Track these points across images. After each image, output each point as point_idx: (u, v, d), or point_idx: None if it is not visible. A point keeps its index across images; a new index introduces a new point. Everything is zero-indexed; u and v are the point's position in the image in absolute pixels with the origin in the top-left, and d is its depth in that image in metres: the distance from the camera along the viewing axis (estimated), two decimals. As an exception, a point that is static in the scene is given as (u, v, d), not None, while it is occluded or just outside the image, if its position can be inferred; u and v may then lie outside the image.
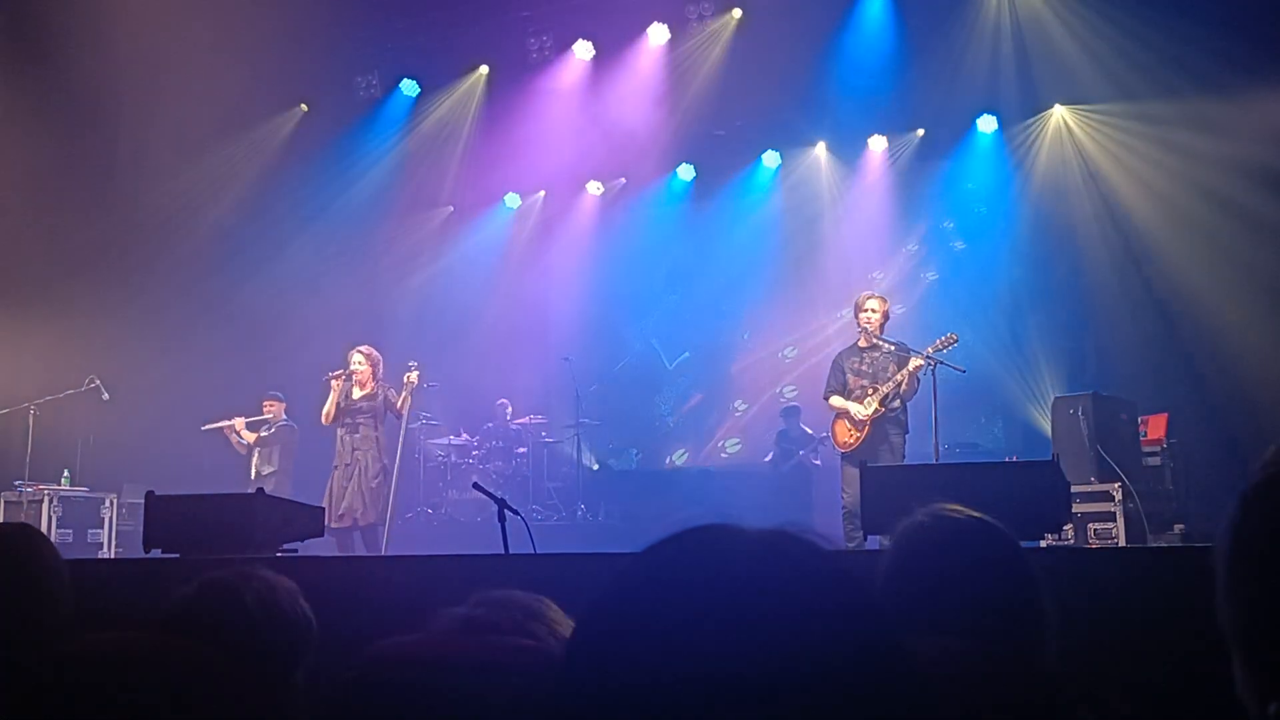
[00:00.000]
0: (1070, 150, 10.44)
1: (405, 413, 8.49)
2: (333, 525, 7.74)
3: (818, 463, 10.54)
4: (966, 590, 1.60)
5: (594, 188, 12.95)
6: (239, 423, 10.19)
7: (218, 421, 10.26)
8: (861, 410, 7.27)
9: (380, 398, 8.33)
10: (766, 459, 11.13)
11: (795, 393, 11.75)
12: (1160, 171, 9.54)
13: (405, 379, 8.32)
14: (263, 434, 10.17)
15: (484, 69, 12.31)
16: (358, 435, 8.23)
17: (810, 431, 10.72)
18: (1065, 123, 10.51)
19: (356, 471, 8.13)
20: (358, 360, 8.32)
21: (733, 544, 0.74)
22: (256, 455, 10.13)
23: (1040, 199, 10.58)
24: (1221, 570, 0.86)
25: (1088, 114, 10.32)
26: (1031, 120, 10.71)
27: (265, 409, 10.27)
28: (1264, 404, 8.28)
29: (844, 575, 0.73)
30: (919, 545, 1.69)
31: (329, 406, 8.34)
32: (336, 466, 8.23)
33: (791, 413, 10.95)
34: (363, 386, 8.34)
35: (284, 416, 10.25)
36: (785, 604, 0.70)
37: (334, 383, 8.33)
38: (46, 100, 10.47)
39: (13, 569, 1.98)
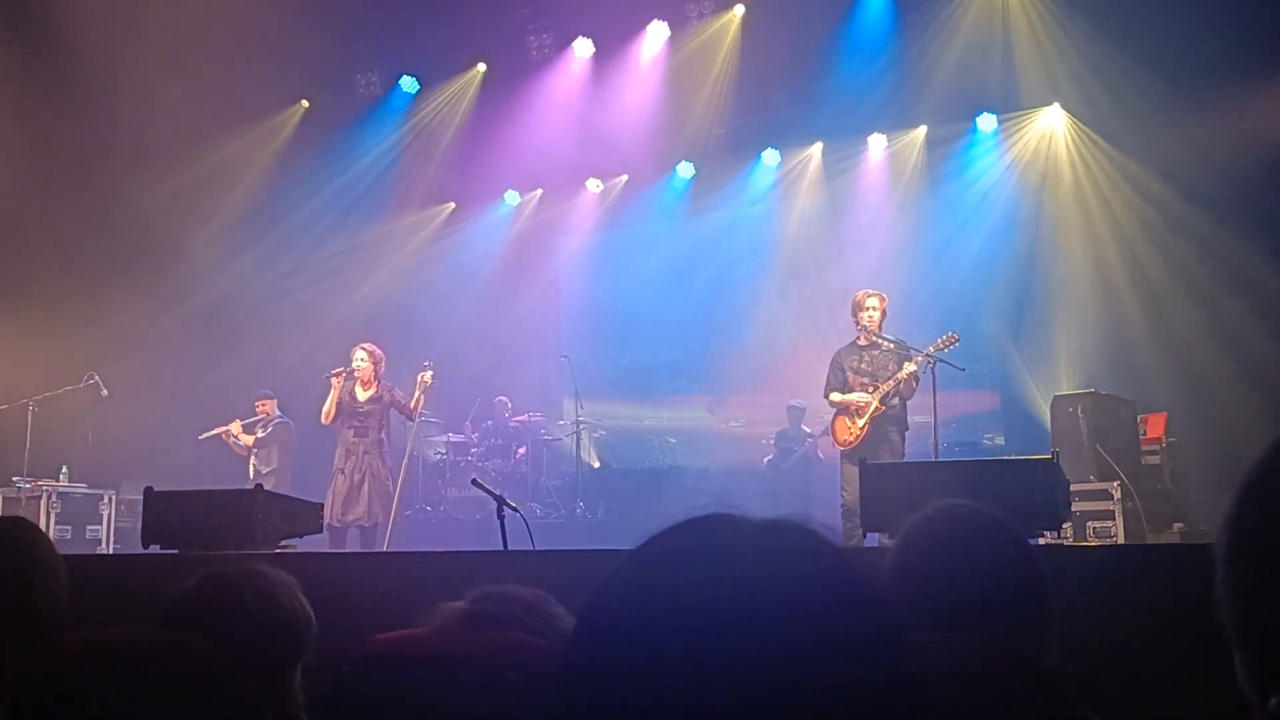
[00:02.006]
0: (1070, 148, 10.43)
1: (417, 412, 8.26)
2: (334, 525, 7.60)
3: (822, 456, 10.48)
4: (971, 585, 1.60)
5: (593, 185, 12.91)
6: (235, 427, 10.13)
7: (213, 429, 10.20)
8: (865, 398, 7.25)
9: (385, 399, 8.08)
10: (766, 459, 11.09)
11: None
12: (1159, 169, 9.53)
13: (419, 378, 8.07)
14: (260, 435, 10.14)
15: (482, 66, 12.30)
16: (366, 439, 7.97)
17: (808, 430, 10.70)
18: (1061, 121, 10.50)
19: (368, 476, 7.88)
20: (360, 357, 8.04)
21: (735, 533, 0.74)
22: (255, 456, 10.10)
23: (1039, 197, 10.57)
24: (1221, 564, 0.85)
25: (1084, 113, 10.30)
26: (1030, 120, 10.71)
27: (258, 408, 10.23)
28: (1264, 404, 8.27)
29: (847, 566, 0.73)
30: (925, 539, 1.69)
31: (329, 405, 8.06)
32: (340, 470, 7.94)
33: (797, 412, 10.87)
34: (366, 386, 8.07)
35: (278, 413, 10.21)
36: (788, 594, 0.70)
37: (334, 380, 8.06)
38: (46, 99, 10.46)
39: (6, 562, 1.98)
